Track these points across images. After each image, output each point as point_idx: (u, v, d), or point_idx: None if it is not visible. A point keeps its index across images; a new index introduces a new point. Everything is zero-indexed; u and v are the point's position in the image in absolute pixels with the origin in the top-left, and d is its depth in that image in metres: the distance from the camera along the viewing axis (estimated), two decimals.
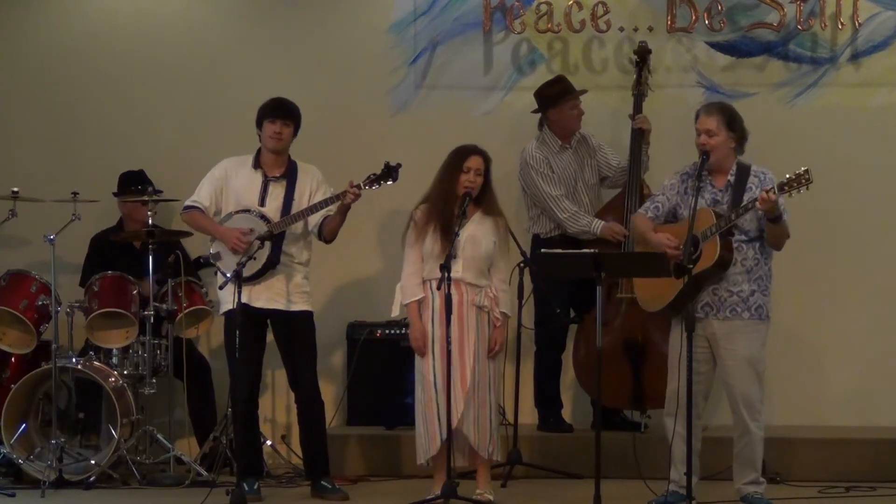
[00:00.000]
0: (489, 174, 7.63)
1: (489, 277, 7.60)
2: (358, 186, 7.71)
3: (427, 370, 7.48)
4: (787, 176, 7.08)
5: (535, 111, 8.76)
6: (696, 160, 7.42)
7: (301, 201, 7.92)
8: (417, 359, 7.60)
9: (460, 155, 7.60)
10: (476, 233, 7.57)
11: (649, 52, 8.75)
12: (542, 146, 8.66)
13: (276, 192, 7.94)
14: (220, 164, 8.06)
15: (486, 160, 7.61)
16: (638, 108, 8.65)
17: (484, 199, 7.65)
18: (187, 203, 8.02)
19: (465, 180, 7.55)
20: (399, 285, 7.69)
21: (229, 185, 7.97)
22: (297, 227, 7.90)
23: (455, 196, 7.55)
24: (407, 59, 9.40)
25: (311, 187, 7.97)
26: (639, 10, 9.20)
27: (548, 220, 8.64)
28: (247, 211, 7.89)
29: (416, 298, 7.55)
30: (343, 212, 7.81)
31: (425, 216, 7.58)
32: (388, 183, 7.77)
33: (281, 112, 7.94)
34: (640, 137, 8.56)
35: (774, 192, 7.06)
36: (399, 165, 7.76)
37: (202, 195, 7.99)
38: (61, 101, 9.56)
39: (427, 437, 7.48)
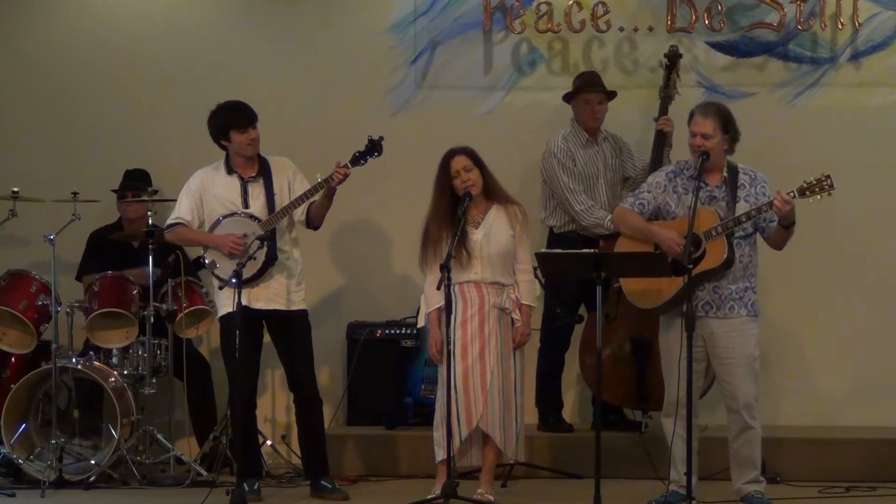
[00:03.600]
0: (482, 164, 7.63)
1: (512, 273, 7.61)
2: (346, 166, 7.71)
3: (444, 372, 7.46)
4: (807, 180, 7.08)
5: (565, 100, 8.77)
6: (686, 159, 7.42)
7: (282, 195, 7.92)
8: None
9: (444, 163, 7.61)
10: (491, 230, 7.58)
11: (680, 56, 8.69)
12: (570, 138, 8.66)
13: (257, 192, 7.93)
14: (193, 176, 8.04)
15: (471, 155, 7.61)
16: (664, 110, 8.62)
17: (492, 190, 7.65)
18: (169, 221, 8.01)
19: (460, 183, 7.55)
20: (423, 296, 7.70)
21: (208, 195, 7.95)
22: (283, 222, 7.90)
23: (455, 201, 7.55)
24: (407, 59, 9.40)
25: (289, 178, 7.97)
26: (639, 10, 9.20)
27: (563, 213, 8.64)
28: (234, 214, 7.89)
29: (437, 306, 7.54)
30: (330, 195, 7.80)
31: (437, 228, 7.57)
32: (375, 157, 7.76)
33: (249, 118, 7.91)
34: (661, 140, 8.55)
35: (794, 196, 7.06)
36: (382, 138, 7.76)
37: (182, 210, 7.97)
38: (61, 101, 9.56)
39: (446, 437, 7.45)
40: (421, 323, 7.80)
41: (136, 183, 8.97)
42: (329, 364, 9.19)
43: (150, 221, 8.62)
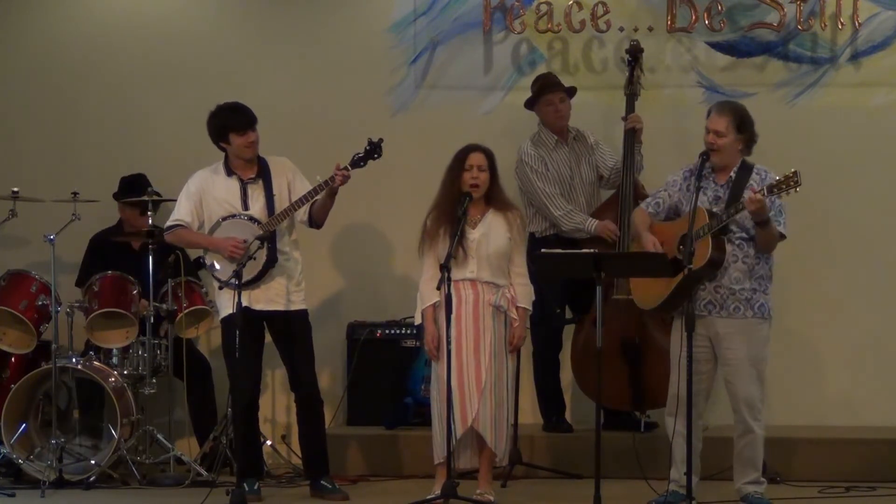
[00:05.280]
0: (495, 170, 7.64)
1: (508, 275, 7.61)
2: (346, 168, 7.71)
3: (442, 371, 7.47)
4: (777, 177, 7.07)
5: (527, 107, 8.78)
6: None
7: (282, 196, 7.92)
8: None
9: (462, 154, 7.62)
10: (489, 231, 7.58)
11: (641, 50, 8.71)
12: (538, 143, 8.67)
13: (256, 194, 7.94)
14: (193, 178, 8.04)
15: (489, 156, 7.62)
16: (630, 108, 8.62)
17: (494, 196, 7.66)
18: (169, 223, 8.01)
19: (469, 178, 7.56)
20: (419, 293, 7.70)
21: (208, 197, 7.95)
22: (283, 223, 7.90)
23: (462, 197, 7.57)
24: (407, 59, 9.41)
25: (288, 178, 7.97)
26: (639, 10, 9.20)
27: (543, 219, 8.63)
28: (234, 216, 7.89)
29: (432, 302, 7.55)
30: (332, 195, 7.81)
31: (436, 221, 7.59)
32: (374, 159, 7.78)
33: (249, 121, 7.90)
34: (632, 137, 8.55)
35: (763, 193, 7.05)
36: (381, 140, 7.78)
37: (182, 212, 7.97)
38: (61, 101, 9.56)
39: (442, 436, 7.47)
40: (418, 320, 7.80)
41: (143, 187, 8.94)
42: (329, 364, 9.19)
43: (150, 221, 8.62)
